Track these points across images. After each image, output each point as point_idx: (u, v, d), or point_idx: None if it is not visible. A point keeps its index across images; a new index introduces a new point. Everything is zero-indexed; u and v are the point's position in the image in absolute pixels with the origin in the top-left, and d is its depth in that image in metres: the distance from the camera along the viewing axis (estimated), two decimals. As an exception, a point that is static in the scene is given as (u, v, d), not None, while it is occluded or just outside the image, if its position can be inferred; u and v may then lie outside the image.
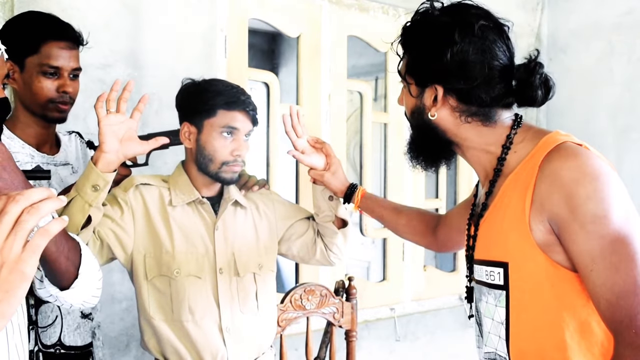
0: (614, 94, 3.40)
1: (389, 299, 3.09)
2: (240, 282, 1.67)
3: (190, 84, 1.71)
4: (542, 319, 1.13)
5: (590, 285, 1.06)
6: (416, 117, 1.26)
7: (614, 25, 3.39)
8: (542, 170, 1.10)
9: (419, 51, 1.21)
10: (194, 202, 1.67)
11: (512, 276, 1.15)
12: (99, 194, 1.41)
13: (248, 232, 1.74)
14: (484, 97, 1.17)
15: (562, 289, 1.11)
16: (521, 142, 1.18)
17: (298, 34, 2.75)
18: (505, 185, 1.17)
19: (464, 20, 1.17)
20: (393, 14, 3.03)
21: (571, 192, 1.06)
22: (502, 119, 1.20)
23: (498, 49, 1.17)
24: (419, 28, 1.22)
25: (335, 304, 2.10)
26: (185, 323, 1.60)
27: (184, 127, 1.66)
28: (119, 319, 2.24)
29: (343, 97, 2.90)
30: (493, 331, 1.20)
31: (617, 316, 1.03)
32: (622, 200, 1.08)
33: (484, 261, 1.21)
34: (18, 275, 0.70)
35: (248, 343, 1.68)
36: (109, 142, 1.40)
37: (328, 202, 1.75)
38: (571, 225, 1.06)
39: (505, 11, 3.91)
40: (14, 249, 0.70)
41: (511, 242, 1.14)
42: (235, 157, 1.64)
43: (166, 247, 1.61)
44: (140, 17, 2.27)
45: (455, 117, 1.20)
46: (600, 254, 1.04)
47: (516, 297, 1.15)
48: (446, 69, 1.16)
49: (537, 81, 1.18)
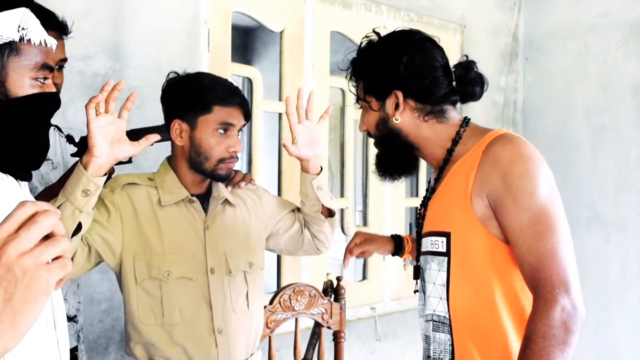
0: (589, 95, 3.45)
1: (370, 298, 3.07)
2: (232, 281, 1.62)
3: (178, 78, 1.64)
4: (477, 282, 1.31)
5: (517, 251, 1.25)
6: (381, 127, 1.43)
7: (590, 26, 3.44)
8: (485, 153, 1.29)
9: (375, 70, 1.41)
10: (183, 200, 1.61)
11: (453, 244, 1.33)
12: (90, 199, 1.33)
13: (238, 229, 1.68)
14: (435, 94, 1.38)
15: (495, 258, 1.29)
16: (470, 137, 1.37)
17: (281, 28, 2.70)
18: (453, 170, 1.36)
19: (404, 37, 1.42)
20: (376, 10, 3.01)
21: (507, 170, 1.26)
22: (452, 118, 1.41)
23: (435, 53, 1.40)
24: (370, 55, 1.43)
25: (324, 305, 2.06)
26: (177, 326, 1.54)
27: (174, 124, 1.59)
28: (98, 321, 2.15)
29: (326, 93, 2.86)
30: (433, 294, 1.37)
31: (536, 276, 1.22)
32: (548, 181, 1.27)
33: (430, 232, 1.39)
34: (42, 284, 0.65)
35: (239, 343, 1.62)
36: (99, 145, 1.31)
37: (316, 192, 1.69)
38: (505, 199, 1.25)
39: (483, 10, 3.95)
40: (42, 258, 0.65)
41: (455, 215, 1.33)
42: (231, 153, 1.58)
43: (156, 249, 1.54)
44: (122, 7, 2.19)
45: (415, 117, 1.40)
46: (527, 224, 1.23)
47: (456, 263, 1.33)
48: (401, 75, 1.37)
49: (473, 76, 1.40)
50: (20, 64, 1.00)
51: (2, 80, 0.99)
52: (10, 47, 0.99)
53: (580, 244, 3.35)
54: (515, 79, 3.68)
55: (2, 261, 0.64)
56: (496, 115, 3.58)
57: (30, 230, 0.65)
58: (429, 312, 1.39)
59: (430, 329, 1.39)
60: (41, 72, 1.03)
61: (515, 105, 3.70)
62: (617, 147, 3.34)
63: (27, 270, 0.64)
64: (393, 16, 3.05)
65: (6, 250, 0.64)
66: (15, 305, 0.64)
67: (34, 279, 0.64)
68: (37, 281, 0.64)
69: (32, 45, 1.01)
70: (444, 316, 1.35)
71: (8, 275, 0.64)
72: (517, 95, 3.70)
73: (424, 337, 1.43)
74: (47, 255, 0.65)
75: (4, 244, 0.64)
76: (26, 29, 1.00)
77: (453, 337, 1.34)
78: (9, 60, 0.99)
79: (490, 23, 3.55)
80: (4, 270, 0.64)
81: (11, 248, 0.64)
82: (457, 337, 1.34)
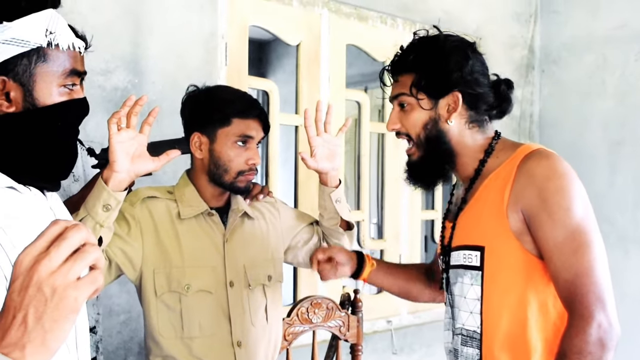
0: (606, 107, 3.42)
1: (386, 311, 3.06)
2: (251, 294, 1.62)
3: (197, 92, 1.65)
4: (510, 297, 1.31)
5: (552, 266, 1.25)
6: (429, 128, 1.39)
7: (607, 39, 3.42)
8: (520, 169, 1.29)
9: (440, 66, 1.36)
10: (202, 214, 1.62)
11: (487, 258, 1.32)
12: (111, 214, 1.34)
13: (257, 242, 1.69)
14: (485, 103, 1.39)
15: (529, 272, 1.30)
16: (501, 150, 1.38)
17: (298, 42, 2.72)
18: (486, 183, 1.35)
19: (466, 42, 1.41)
20: (391, 23, 3.02)
21: (543, 186, 1.26)
22: (488, 130, 1.42)
23: (485, 65, 1.42)
24: (433, 49, 1.38)
25: (341, 317, 2.05)
26: (196, 340, 1.54)
27: (194, 137, 1.60)
28: (117, 332, 2.17)
29: (342, 106, 2.87)
30: (464, 308, 1.37)
31: (572, 292, 1.22)
32: (582, 197, 1.28)
33: (462, 246, 1.38)
34: (70, 302, 0.65)
35: (258, 357, 1.63)
36: (120, 160, 1.32)
37: (335, 205, 1.69)
38: (541, 214, 1.25)
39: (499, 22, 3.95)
40: (71, 275, 0.65)
41: (489, 229, 1.32)
42: (251, 165, 1.59)
43: (176, 262, 1.55)
44: (141, 22, 2.22)
45: (462, 122, 1.38)
46: (563, 240, 1.23)
47: (490, 277, 1.33)
48: (465, 77, 1.35)
49: (511, 95, 1.43)
50: (49, 71, 0.96)
51: (29, 89, 0.96)
52: (37, 54, 0.95)
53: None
54: (531, 92, 3.67)
55: (33, 280, 0.64)
56: (512, 128, 3.57)
57: (60, 247, 0.65)
58: (458, 325, 1.38)
59: (459, 342, 1.38)
60: (70, 79, 0.99)
61: (531, 118, 3.68)
62: (635, 161, 3.31)
63: (56, 289, 0.64)
64: (409, 29, 3.07)
65: (37, 269, 0.64)
66: (45, 325, 0.64)
67: (63, 298, 0.64)
68: (66, 300, 0.65)
69: (61, 50, 0.97)
70: (473, 330, 1.35)
71: (38, 294, 0.64)
72: (533, 107, 3.69)
73: (452, 351, 1.42)
74: (75, 271, 0.65)
75: (35, 262, 0.65)
76: (54, 33, 0.95)
77: (482, 352, 1.34)
78: (37, 67, 0.95)
79: (505, 35, 3.55)
80: (35, 289, 0.64)
81: (42, 267, 0.64)
82: (486, 351, 1.34)
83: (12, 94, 0.95)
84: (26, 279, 0.64)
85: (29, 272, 0.64)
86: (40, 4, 0.95)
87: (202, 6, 2.37)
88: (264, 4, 2.56)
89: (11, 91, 0.95)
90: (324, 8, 2.77)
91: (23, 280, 0.65)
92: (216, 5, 2.40)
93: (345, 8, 2.85)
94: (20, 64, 0.94)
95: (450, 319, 1.43)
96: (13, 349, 0.64)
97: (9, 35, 0.92)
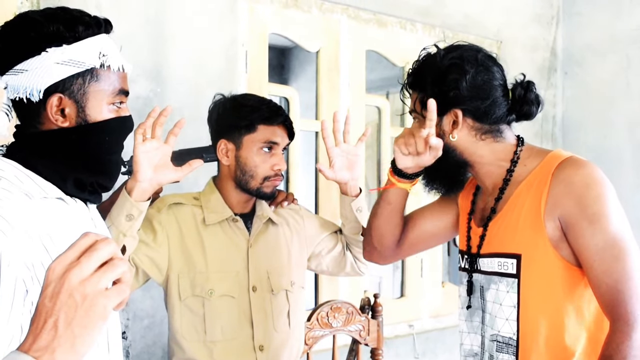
0: (631, 108, 3.38)
1: (408, 315, 3.05)
2: (274, 299, 1.64)
3: (224, 99, 1.68)
4: (548, 304, 1.32)
5: (592, 273, 1.26)
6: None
7: (631, 39, 3.38)
8: (556, 176, 1.30)
9: (435, 85, 1.38)
10: (227, 220, 1.65)
11: (524, 266, 1.33)
12: (134, 223, 1.37)
13: (281, 248, 1.71)
14: (495, 114, 1.38)
15: (565, 279, 1.31)
16: (528, 157, 1.39)
17: (317, 48, 2.75)
18: (519, 191, 1.36)
19: (467, 54, 1.39)
20: (410, 28, 3.03)
21: (582, 194, 1.28)
22: (508, 137, 1.42)
23: (496, 72, 1.40)
24: (431, 69, 1.40)
25: (361, 322, 2.07)
26: (218, 343, 1.57)
27: (220, 144, 1.64)
28: (140, 337, 2.20)
29: (362, 111, 2.88)
30: (500, 315, 1.37)
31: (615, 299, 1.23)
32: (618, 205, 1.31)
33: (496, 254, 1.39)
34: (99, 310, 0.68)
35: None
36: (143, 170, 1.34)
37: (356, 214, 1.70)
38: (580, 221, 1.27)
39: (519, 25, 3.92)
40: (101, 284, 0.68)
41: (525, 237, 1.33)
42: (276, 171, 1.62)
43: (200, 267, 1.58)
44: (163, 31, 2.26)
45: (472, 136, 1.39)
46: (603, 247, 1.25)
47: (527, 284, 1.34)
48: (463, 94, 1.36)
49: (532, 96, 1.42)
50: (100, 89, 1.05)
51: (82, 105, 1.04)
52: (91, 74, 1.04)
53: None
54: (554, 94, 3.64)
55: (65, 287, 0.67)
56: (535, 130, 3.55)
57: (91, 257, 0.68)
58: (494, 332, 1.39)
59: (494, 349, 1.40)
60: (118, 97, 1.08)
61: (554, 120, 3.65)
62: (661, 162, 3.26)
63: (86, 297, 0.67)
64: (428, 34, 3.07)
65: (68, 276, 0.68)
66: (74, 330, 0.67)
67: (92, 305, 0.68)
68: (95, 307, 0.68)
69: (112, 71, 1.07)
70: (509, 337, 1.36)
71: (69, 301, 0.67)
72: (556, 110, 3.65)
73: (477, 354, 1.44)
74: (105, 280, 0.68)
75: (66, 270, 0.68)
76: (106, 56, 1.05)
77: (518, 358, 1.35)
78: (90, 86, 1.04)
79: (527, 38, 3.53)
80: (66, 296, 0.67)
81: (73, 275, 0.68)
82: (522, 358, 1.34)
83: (67, 110, 1.04)
84: (57, 286, 0.68)
85: (61, 279, 0.68)
86: (95, 30, 1.05)
87: (223, 15, 2.41)
88: (283, 11, 2.59)
89: (66, 107, 1.04)
90: (342, 14, 2.79)
91: (55, 287, 0.68)
92: (236, 14, 2.43)
93: (364, 14, 2.86)
94: (75, 83, 1.04)
95: (479, 323, 1.44)
96: (43, 353, 0.67)
97: (67, 56, 1.02)
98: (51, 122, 1.04)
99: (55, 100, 1.03)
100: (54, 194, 1.04)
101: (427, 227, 1.61)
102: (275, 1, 2.55)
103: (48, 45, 1.01)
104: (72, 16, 1.05)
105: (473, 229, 1.47)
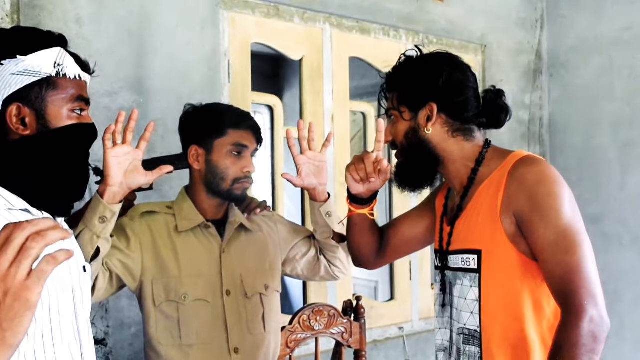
0: (615, 109, 3.42)
1: (398, 318, 3.09)
2: (248, 303, 1.68)
3: (194, 108, 1.74)
4: (507, 296, 1.39)
5: (545, 265, 1.32)
6: (410, 137, 1.49)
7: (614, 41, 3.42)
8: (511, 175, 1.38)
9: (414, 80, 1.47)
10: (199, 226, 1.69)
11: (484, 261, 1.41)
12: (107, 226, 1.42)
13: (254, 253, 1.75)
14: (467, 112, 1.46)
15: (523, 273, 1.38)
16: (492, 158, 1.46)
17: (300, 56, 2.79)
18: (481, 190, 1.43)
19: (445, 56, 1.50)
20: (394, 35, 3.07)
21: (533, 190, 1.34)
22: (477, 138, 1.49)
23: (470, 76, 1.49)
24: (410, 66, 1.49)
25: (343, 324, 2.10)
26: (194, 347, 1.60)
27: (191, 150, 1.69)
28: (128, 344, 2.24)
29: (346, 118, 2.92)
30: (465, 309, 1.44)
31: (565, 289, 1.29)
32: (571, 200, 1.36)
33: (460, 250, 1.46)
34: (23, 303, 0.71)
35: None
36: (114, 174, 1.39)
37: (325, 218, 1.74)
38: (533, 217, 1.33)
39: (503, 30, 3.94)
40: (18, 276, 0.70)
41: (485, 233, 1.40)
42: (246, 173, 1.67)
43: (173, 272, 1.62)
44: (145, 44, 2.31)
45: (444, 132, 1.46)
46: (554, 240, 1.31)
47: (487, 279, 1.41)
48: (439, 88, 1.44)
49: (501, 102, 1.50)
50: (58, 97, 1.11)
51: (42, 113, 1.09)
52: (48, 82, 1.10)
53: (613, 260, 3.32)
54: (540, 96, 3.68)
55: None
56: (522, 132, 3.58)
57: (6, 252, 0.70)
58: (460, 325, 1.46)
59: (461, 341, 1.46)
60: (77, 104, 1.14)
61: (541, 122, 3.69)
62: (646, 161, 3.29)
63: (7, 292, 0.70)
64: (412, 40, 3.11)
65: None
66: (2, 325, 0.71)
67: (15, 299, 0.71)
68: (19, 300, 0.71)
69: (68, 80, 1.12)
70: (474, 330, 1.43)
71: None
72: (542, 112, 3.69)
73: (446, 349, 1.51)
74: (22, 270, 0.71)
75: None
76: (61, 65, 1.11)
77: (482, 349, 1.42)
78: (48, 94, 1.10)
79: (511, 42, 3.57)
80: None
81: None
82: (486, 349, 1.41)
83: (27, 119, 1.09)
84: None
85: None
86: (48, 43, 1.11)
87: (205, 25, 2.45)
88: (266, 21, 2.64)
89: (26, 117, 1.09)
90: (325, 23, 2.83)
91: None
92: (218, 25, 2.48)
93: (347, 22, 2.91)
94: (33, 92, 1.09)
95: (449, 318, 1.51)
96: None
97: (22, 67, 1.08)
98: (14, 132, 1.08)
99: (14, 110, 1.07)
100: (19, 205, 1.07)
101: (407, 233, 1.71)
102: (257, 11, 2.60)
103: (2, 58, 1.06)
104: (26, 32, 1.12)
105: (444, 228, 1.54)
